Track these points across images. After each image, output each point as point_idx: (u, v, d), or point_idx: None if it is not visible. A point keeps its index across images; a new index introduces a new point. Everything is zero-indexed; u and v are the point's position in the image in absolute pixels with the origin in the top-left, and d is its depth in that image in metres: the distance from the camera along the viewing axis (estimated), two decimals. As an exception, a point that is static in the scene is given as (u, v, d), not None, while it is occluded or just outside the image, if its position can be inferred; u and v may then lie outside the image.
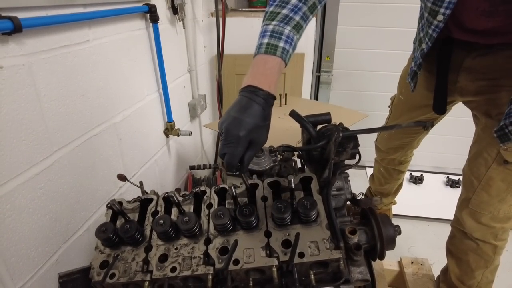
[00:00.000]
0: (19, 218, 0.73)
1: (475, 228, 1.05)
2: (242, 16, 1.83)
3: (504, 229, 1.05)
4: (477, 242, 1.07)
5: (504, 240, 1.07)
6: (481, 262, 1.09)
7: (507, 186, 0.96)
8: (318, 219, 0.64)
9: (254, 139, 0.62)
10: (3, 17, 0.65)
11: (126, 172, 1.15)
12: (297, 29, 0.73)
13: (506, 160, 0.93)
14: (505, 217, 1.02)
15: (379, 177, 1.57)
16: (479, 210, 1.02)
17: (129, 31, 1.12)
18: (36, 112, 0.76)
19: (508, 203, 0.99)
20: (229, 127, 0.61)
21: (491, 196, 0.99)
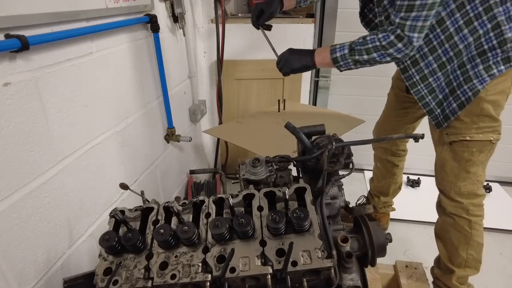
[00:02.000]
0: (26, 226, 0.76)
1: (447, 203, 1.22)
2: (242, 23, 1.86)
3: (474, 205, 1.18)
4: (452, 217, 1.21)
5: (478, 217, 1.19)
6: (461, 238, 1.20)
7: (458, 164, 1.15)
8: (311, 228, 0.67)
9: (265, 10, 1.28)
10: (11, 36, 0.68)
11: (127, 178, 1.19)
12: None
13: (450, 142, 1.14)
14: (470, 194, 1.17)
15: (376, 174, 1.68)
16: (444, 187, 1.22)
17: (130, 41, 1.15)
18: (42, 124, 0.79)
19: (466, 180, 1.15)
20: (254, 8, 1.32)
21: (447, 173, 1.19)
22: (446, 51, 1.05)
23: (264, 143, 1.36)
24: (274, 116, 1.63)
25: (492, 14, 0.95)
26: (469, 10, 0.97)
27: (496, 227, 1.74)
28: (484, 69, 1.01)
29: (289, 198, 0.71)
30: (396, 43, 0.98)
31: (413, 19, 0.92)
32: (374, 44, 1.02)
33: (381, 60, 1.03)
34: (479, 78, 1.02)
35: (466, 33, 1.00)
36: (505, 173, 2.18)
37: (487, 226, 1.74)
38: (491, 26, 0.97)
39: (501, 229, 1.74)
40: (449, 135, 1.14)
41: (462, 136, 1.10)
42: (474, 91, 1.03)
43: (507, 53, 0.98)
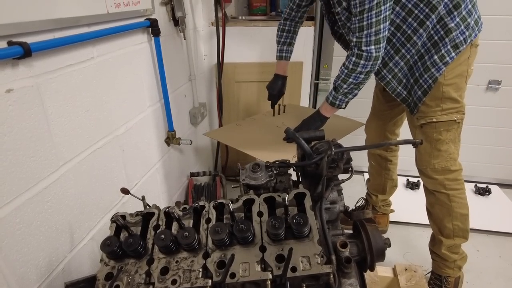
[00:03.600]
0: (28, 231, 0.77)
1: (426, 181, 1.37)
2: (242, 26, 1.87)
3: (450, 180, 1.30)
4: (433, 193, 1.35)
5: (456, 190, 1.31)
6: (444, 211, 1.34)
7: (429, 144, 1.28)
8: (310, 234, 0.68)
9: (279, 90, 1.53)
10: (14, 43, 0.69)
11: (128, 181, 1.20)
12: (289, 44, 1.50)
13: (420, 125, 1.28)
14: (444, 170, 1.30)
15: (371, 172, 1.74)
16: (420, 166, 1.35)
17: (131, 46, 1.16)
18: (43, 129, 0.80)
19: (439, 158, 1.28)
20: (268, 88, 1.54)
21: (421, 153, 1.33)
22: (408, 50, 1.20)
23: (264, 147, 1.36)
24: (274, 119, 1.64)
25: (437, 12, 1.11)
26: (418, 13, 1.13)
27: (495, 229, 1.75)
28: (438, 58, 1.16)
29: (289, 203, 0.72)
30: (359, 61, 1.13)
31: (366, 36, 1.09)
32: (346, 72, 1.18)
33: (359, 80, 1.18)
34: (435, 66, 1.17)
35: (421, 32, 1.15)
36: (504, 176, 2.19)
37: (486, 228, 1.76)
38: (436, 20, 1.13)
39: (501, 232, 1.75)
40: (419, 119, 1.28)
41: (429, 119, 1.25)
42: (433, 78, 1.18)
43: (453, 41, 1.14)
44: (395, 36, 1.20)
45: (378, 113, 1.62)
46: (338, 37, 1.41)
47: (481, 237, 1.70)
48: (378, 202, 1.73)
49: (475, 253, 1.59)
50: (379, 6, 1.04)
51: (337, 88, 1.23)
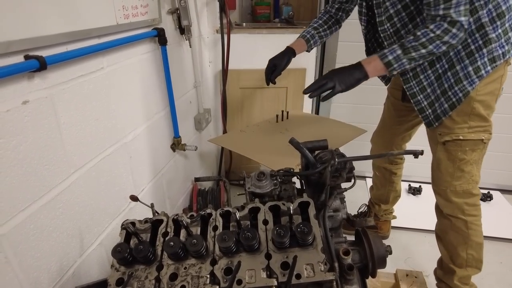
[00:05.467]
0: (41, 237, 0.80)
1: (443, 204, 1.27)
2: (246, 33, 1.90)
3: (469, 205, 1.22)
4: (449, 218, 1.25)
5: (474, 216, 1.23)
6: (459, 238, 1.25)
7: (452, 163, 1.20)
8: (314, 242, 0.70)
9: (278, 65, 1.39)
10: (30, 57, 0.72)
11: (135, 187, 1.22)
12: (319, 35, 1.44)
13: (443, 142, 1.19)
14: (466, 193, 1.21)
15: (375, 182, 1.72)
16: (439, 186, 1.26)
17: (139, 55, 1.19)
18: (56, 138, 0.83)
19: (461, 179, 1.20)
20: (273, 57, 1.41)
21: (442, 173, 1.23)
22: (438, 57, 1.10)
23: (268, 153, 1.39)
24: (277, 125, 1.67)
25: (477, 16, 1.02)
26: None
27: (496, 235, 1.76)
28: (473, 70, 1.07)
29: (293, 212, 0.74)
30: (451, 29, 0.98)
31: (455, 6, 0.95)
32: (429, 37, 1.00)
33: (437, 51, 1.02)
34: (468, 79, 1.08)
35: None
36: (506, 181, 2.21)
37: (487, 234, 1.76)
38: (475, 27, 1.04)
39: (502, 238, 1.76)
40: (443, 135, 1.19)
41: (455, 136, 1.15)
42: (465, 92, 1.09)
43: (492, 53, 1.05)
44: None
45: (387, 127, 1.57)
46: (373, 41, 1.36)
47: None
48: (381, 211, 1.74)
49: (476, 259, 1.61)
50: None
51: (407, 50, 1.04)
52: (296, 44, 1.40)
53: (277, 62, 1.36)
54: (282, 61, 1.36)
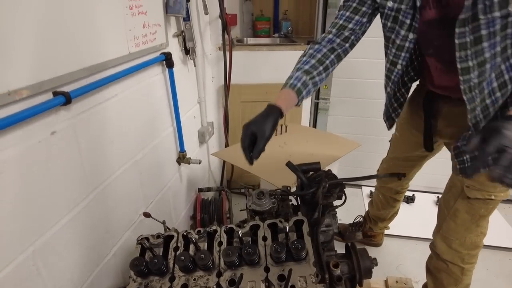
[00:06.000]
0: (65, 250, 0.89)
1: (445, 251, 1.23)
2: (247, 50, 2.00)
3: (471, 255, 1.22)
4: (446, 263, 1.25)
5: (472, 264, 1.24)
6: (451, 281, 1.26)
7: (471, 217, 1.14)
8: (307, 257, 0.80)
9: (260, 133, 0.91)
10: (57, 93, 0.82)
11: (145, 200, 1.32)
12: (312, 80, 1.01)
13: (468, 197, 1.10)
14: (473, 245, 1.20)
15: (377, 203, 1.72)
16: (449, 236, 1.21)
17: (148, 78, 1.29)
18: (78, 162, 0.93)
19: (473, 232, 1.17)
20: (246, 125, 0.95)
21: (458, 224, 1.17)
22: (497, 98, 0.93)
23: (267, 166, 1.48)
24: (276, 139, 1.76)
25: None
26: None
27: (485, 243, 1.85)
28: None
29: (289, 229, 0.84)
30: None
31: None
32: None
33: None
34: None
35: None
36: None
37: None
38: None
39: (488, 246, 1.85)
40: (472, 190, 1.07)
41: (487, 195, 1.06)
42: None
43: None
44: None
45: (396, 161, 1.49)
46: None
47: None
48: (377, 228, 1.79)
49: (464, 266, 1.70)
50: None
51: None
52: (282, 99, 0.98)
53: (259, 129, 0.91)
54: (264, 127, 0.91)
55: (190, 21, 1.51)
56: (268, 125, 0.92)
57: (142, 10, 1.18)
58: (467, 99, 0.91)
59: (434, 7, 0.88)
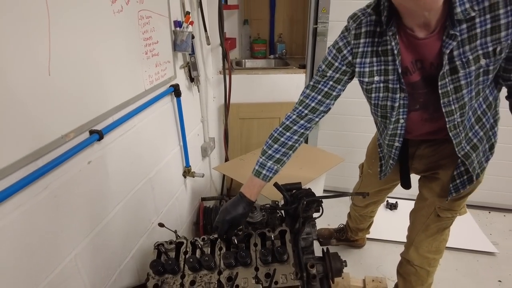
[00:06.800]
0: (97, 253, 1.12)
1: (415, 257, 1.45)
2: (245, 74, 2.23)
3: (435, 259, 1.45)
4: (415, 267, 1.46)
5: (435, 267, 1.47)
6: (418, 282, 1.48)
7: (437, 229, 1.37)
8: (288, 259, 1.03)
9: (232, 223, 1.09)
10: (93, 131, 1.05)
11: (156, 211, 1.55)
12: (277, 162, 1.16)
13: (439, 215, 1.33)
14: (437, 250, 1.43)
15: (355, 219, 1.92)
16: (419, 245, 1.43)
17: (160, 108, 1.52)
18: (107, 183, 1.16)
19: (438, 240, 1.40)
20: (221, 213, 1.10)
21: (427, 236, 1.40)
22: (478, 130, 1.12)
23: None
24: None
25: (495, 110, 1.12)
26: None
27: (455, 246, 2.07)
28: (489, 146, 1.17)
29: (275, 237, 1.07)
30: None
31: None
32: None
33: None
34: (485, 156, 1.19)
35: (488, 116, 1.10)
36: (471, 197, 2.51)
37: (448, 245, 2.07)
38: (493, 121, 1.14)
39: (459, 248, 2.08)
40: (443, 210, 1.29)
41: (454, 213, 1.30)
42: (482, 168, 1.19)
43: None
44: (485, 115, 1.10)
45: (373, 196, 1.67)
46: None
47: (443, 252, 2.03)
48: (358, 236, 2.00)
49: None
50: None
51: None
52: (253, 191, 1.13)
53: (233, 219, 1.08)
54: (240, 216, 1.09)
55: (194, 54, 1.74)
56: (240, 215, 1.08)
57: (155, 52, 1.41)
58: (452, 135, 1.07)
59: (414, 71, 1.03)
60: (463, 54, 0.92)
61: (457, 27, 0.89)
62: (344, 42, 1.07)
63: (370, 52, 1.04)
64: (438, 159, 1.28)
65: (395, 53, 0.99)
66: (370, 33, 1.03)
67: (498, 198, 2.49)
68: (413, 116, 1.14)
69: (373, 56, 1.04)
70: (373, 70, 1.06)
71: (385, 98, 1.09)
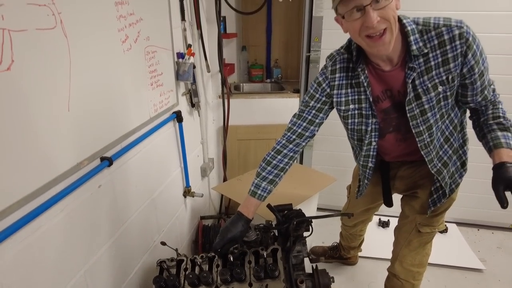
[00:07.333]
0: (104, 270, 1.22)
1: (401, 272, 1.55)
2: (243, 98, 2.37)
3: (419, 273, 1.55)
4: (401, 281, 1.56)
5: (419, 280, 1.57)
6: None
7: (419, 244, 1.48)
8: (279, 276, 1.12)
9: (232, 239, 1.18)
10: (104, 158, 1.16)
11: (158, 229, 1.65)
12: (270, 182, 1.27)
13: (419, 231, 1.44)
14: (421, 264, 1.53)
15: (346, 238, 2.03)
16: (404, 260, 1.53)
17: (163, 133, 1.64)
18: (114, 204, 1.27)
19: (421, 254, 1.51)
20: (223, 232, 1.19)
21: (410, 250, 1.51)
22: (447, 151, 1.25)
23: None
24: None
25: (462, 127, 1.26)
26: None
27: (445, 263, 2.16)
28: (461, 164, 1.29)
29: (267, 255, 1.17)
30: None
31: (493, 89, 1.16)
32: (505, 111, 1.15)
33: None
34: (459, 172, 1.31)
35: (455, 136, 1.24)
36: (461, 215, 2.61)
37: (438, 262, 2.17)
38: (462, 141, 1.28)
39: (448, 265, 2.16)
40: (423, 226, 1.41)
41: (433, 228, 1.41)
42: (456, 184, 1.32)
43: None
44: (453, 136, 1.22)
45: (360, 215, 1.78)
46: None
47: (432, 269, 2.10)
48: (351, 254, 2.10)
49: (426, 283, 2.00)
50: (487, 61, 1.08)
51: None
52: (250, 210, 1.23)
53: (233, 237, 1.18)
54: (239, 234, 1.19)
55: (195, 82, 1.88)
56: (239, 232, 1.18)
57: (159, 83, 1.54)
58: (424, 154, 1.20)
59: (385, 98, 1.18)
60: (423, 82, 1.08)
61: (415, 61, 1.06)
62: (323, 77, 1.23)
63: (345, 85, 1.20)
64: (417, 179, 1.41)
65: (365, 85, 1.14)
66: (344, 69, 1.19)
67: (486, 215, 2.58)
68: (388, 138, 1.27)
69: (348, 88, 1.20)
70: (348, 100, 1.21)
71: (360, 123, 1.24)
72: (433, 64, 1.06)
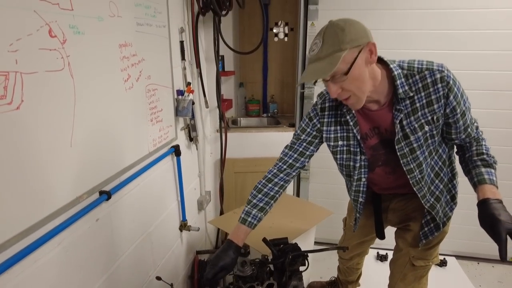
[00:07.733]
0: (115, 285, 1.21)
1: None
2: (239, 132, 2.43)
3: None
4: None
5: None
6: None
7: (414, 278, 1.49)
8: (275, 311, 1.11)
9: (224, 267, 1.17)
10: (102, 192, 1.19)
11: (154, 264, 1.64)
12: (261, 210, 1.29)
13: (413, 264, 1.44)
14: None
15: (344, 272, 2.00)
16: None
17: (161, 167, 1.67)
18: (111, 238, 1.27)
19: (418, 285, 1.50)
20: (214, 259, 1.18)
21: (405, 284, 1.51)
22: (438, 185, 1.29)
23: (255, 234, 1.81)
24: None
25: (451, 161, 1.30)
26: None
27: (445, 298, 2.12)
28: (450, 197, 1.32)
29: (263, 290, 1.16)
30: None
31: (476, 127, 1.22)
32: (488, 147, 1.20)
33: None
34: (449, 205, 1.33)
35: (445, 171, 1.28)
36: (460, 248, 2.59)
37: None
38: (451, 174, 1.31)
39: (450, 301, 2.11)
40: (417, 259, 1.42)
41: (427, 262, 1.42)
42: (447, 217, 1.34)
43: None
44: (443, 171, 1.26)
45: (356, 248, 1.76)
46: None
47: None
48: (349, 287, 2.07)
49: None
50: (468, 101, 1.14)
51: (495, 163, 1.17)
52: (240, 237, 1.24)
53: (225, 265, 1.16)
54: (230, 262, 1.18)
55: (194, 117, 1.95)
56: (230, 260, 1.18)
57: (159, 119, 1.60)
58: (416, 190, 1.23)
59: (373, 135, 1.22)
60: (410, 123, 1.13)
61: (402, 103, 1.12)
62: (314, 113, 1.30)
63: (334, 122, 1.26)
64: (409, 212, 1.44)
65: (351, 124, 1.20)
66: (333, 107, 1.25)
67: (485, 248, 2.56)
68: (378, 171, 1.31)
69: (336, 125, 1.26)
70: (337, 136, 1.27)
71: (348, 159, 1.28)
72: (419, 106, 1.11)
